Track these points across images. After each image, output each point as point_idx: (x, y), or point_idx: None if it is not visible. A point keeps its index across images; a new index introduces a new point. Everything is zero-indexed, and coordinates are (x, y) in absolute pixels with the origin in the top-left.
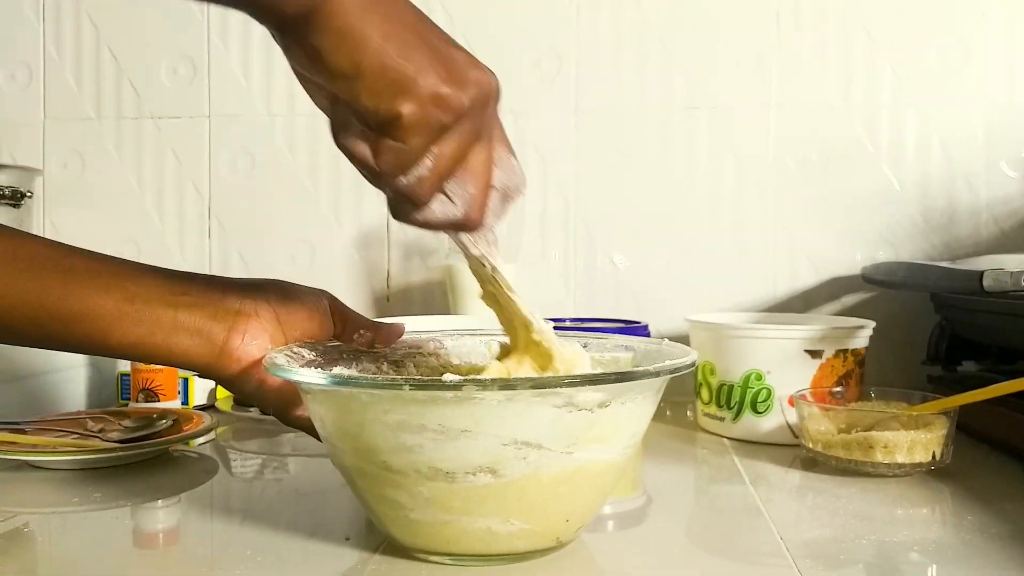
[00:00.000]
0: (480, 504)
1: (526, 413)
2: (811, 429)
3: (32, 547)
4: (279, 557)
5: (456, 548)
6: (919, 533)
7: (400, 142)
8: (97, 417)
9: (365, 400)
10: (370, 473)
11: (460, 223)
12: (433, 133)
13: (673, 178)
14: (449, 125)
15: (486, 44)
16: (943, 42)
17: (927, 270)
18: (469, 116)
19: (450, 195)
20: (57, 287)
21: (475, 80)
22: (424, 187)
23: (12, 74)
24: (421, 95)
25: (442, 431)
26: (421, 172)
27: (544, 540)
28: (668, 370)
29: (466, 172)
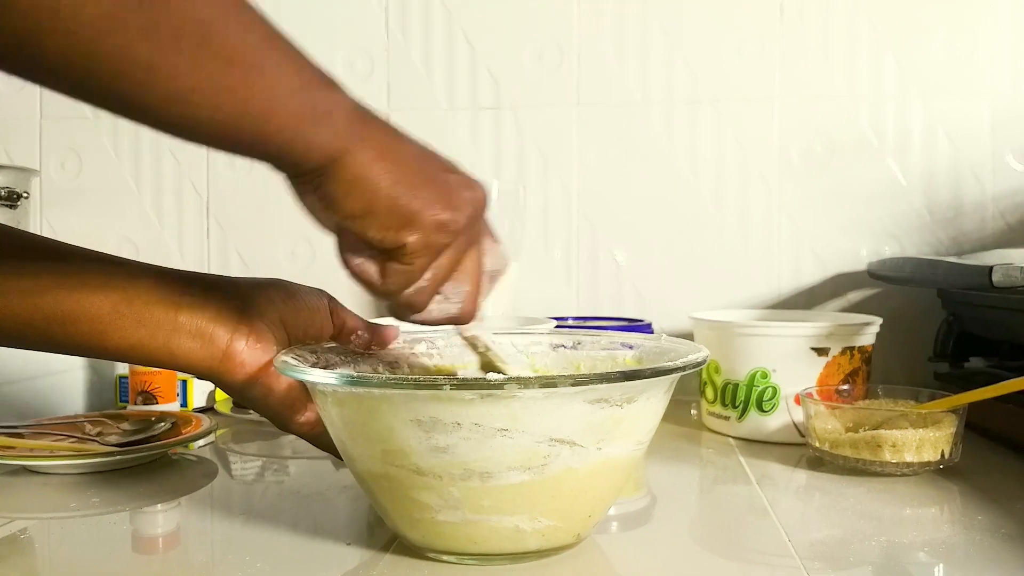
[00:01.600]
0: (512, 503)
1: (562, 410)
2: (818, 428)
3: (30, 553)
4: (282, 561)
5: (481, 548)
6: (929, 533)
7: (405, 265)
8: (95, 420)
9: (398, 401)
10: (395, 476)
11: (456, 318)
12: (434, 254)
13: (676, 172)
14: (448, 245)
15: (486, 37)
16: (949, 33)
17: (935, 265)
18: (464, 231)
19: (447, 296)
20: (52, 288)
21: (469, 200)
22: (424, 296)
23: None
24: (425, 225)
25: (478, 430)
26: (421, 284)
27: (567, 537)
28: (692, 364)
29: (460, 274)
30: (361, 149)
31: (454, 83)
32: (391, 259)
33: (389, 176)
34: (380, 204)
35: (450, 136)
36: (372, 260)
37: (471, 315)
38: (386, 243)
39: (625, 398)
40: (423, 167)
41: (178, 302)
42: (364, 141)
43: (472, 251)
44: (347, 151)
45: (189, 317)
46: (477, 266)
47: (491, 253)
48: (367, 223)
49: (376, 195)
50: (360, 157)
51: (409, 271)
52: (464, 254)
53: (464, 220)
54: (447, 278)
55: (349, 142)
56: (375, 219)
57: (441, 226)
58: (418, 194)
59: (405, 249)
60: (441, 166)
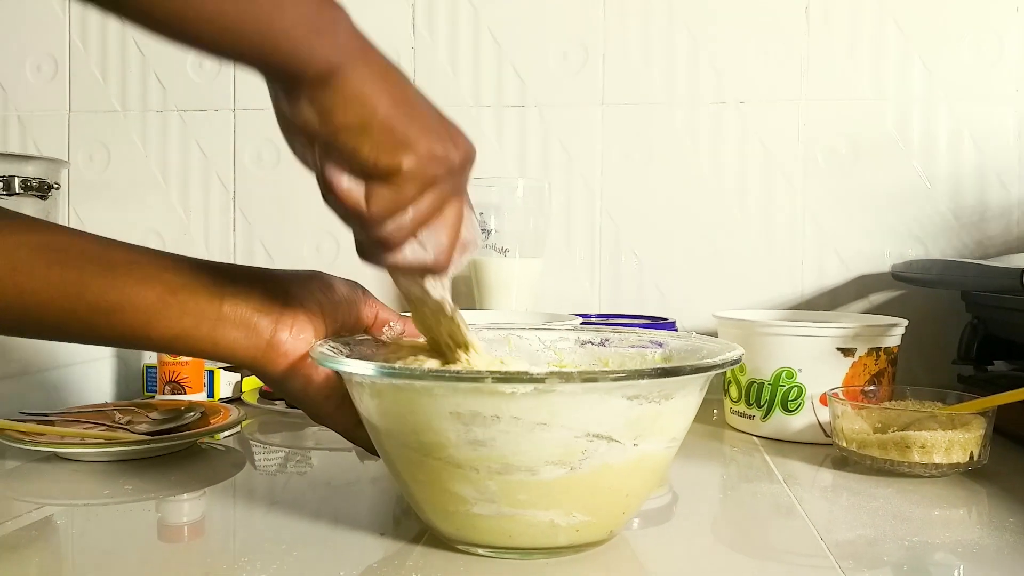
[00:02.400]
0: (548, 497)
1: (602, 405)
2: (845, 428)
3: (58, 539)
4: (312, 551)
5: (516, 541)
6: (960, 534)
7: (394, 191)
8: (124, 409)
9: (438, 393)
10: (432, 468)
11: (428, 267)
12: (424, 185)
13: (700, 172)
14: (438, 180)
15: (512, 36)
16: (975, 36)
17: (963, 267)
18: (453, 174)
19: (422, 242)
20: (96, 279)
21: (464, 145)
22: (402, 233)
23: (38, 66)
24: (420, 152)
25: (517, 424)
26: (403, 220)
27: (600, 532)
28: (730, 361)
29: (440, 223)
30: (363, 65)
31: (480, 81)
32: (377, 186)
33: (389, 97)
34: (377, 121)
35: (476, 133)
36: (354, 186)
37: (443, 267)
38: (380, 163)
39: (663, 394)
40: (421, 101)
41: (221, 293)
42: (366, 59)
43: (454, 202)
44: (349, 64)
45: (233, 308)
46: (457, 219)
47: (468, 221)
48: (362, 139)
49: (375, 112)
50: (362, 72)
51: (395, 199)
52: (447, 202)
53: (457, 160)
54: (428, 220)
55: (351, 56)
56: (371, 136)
57: (436, 158)
58: (417, 121)
59: (399, 172)
60: (435, 108)
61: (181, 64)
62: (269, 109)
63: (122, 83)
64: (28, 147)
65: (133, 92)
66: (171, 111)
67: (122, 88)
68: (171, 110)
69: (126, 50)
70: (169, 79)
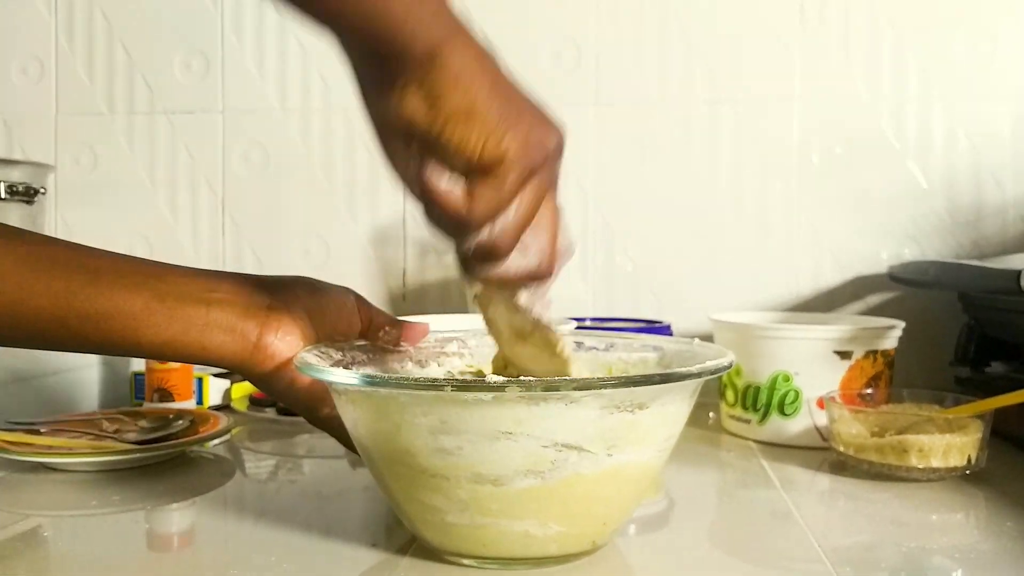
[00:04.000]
0: (520, 507)
1: (568, 414)
2: (842, 432)
3: (46, 549)
4: (301, 561)
5: (492, 551)
6: (958, 539)
7: (495, 186)
8: (112, 417)
9: (404, 401)
10: (405, 476)
11: (534, 274)
12: (526, 175)
13: (695, 172)
14: (538, 169)
15: (504, 35)
16: (970, 35)
17: (960, 269)
18: (549, 163)
19: (526, 247)
20: (85, 287)
21: (556, 129)
22: (507, 237)
23: (24, 68)
24: (523, 135)
25: (483, 433)
26: (505, 222)
27: (580, 543)
28: (709, 371)
29: (539, 224)
30: (464, 44)
31: None
32: (480, 181)
33: (491, 74)
34: (483, 101)
35: None
36: (454, 187)
37: (549, 271)
38: (487, 150)
39: (636, 404)
40: (513, 83)
41: (208, 299)
42: (466, 37)
43: (551, 198)
44: (451, 42)
45: (220, 313)
46: (554, 219)
47: (562, 223)
48: (469, 126)
49: (480, 90)
50: (465, 51)
51: (499, 195)
52: (544, 197)
53: (553, 146)
54: (530, 219)
55: (453, 33)
56: (477, 121)
57: (536, 142)
58: (515, 103)
59: (505, 160)
60: (526, 90)
61: (168, 65)
62: (258, 110)
63: (109, 85)
64: (14, 151)
65: (120, 94)
66: (159, 113)
67: (109, 90)
68: (159, 112)
69: (113, 52)
70: (156, 81)
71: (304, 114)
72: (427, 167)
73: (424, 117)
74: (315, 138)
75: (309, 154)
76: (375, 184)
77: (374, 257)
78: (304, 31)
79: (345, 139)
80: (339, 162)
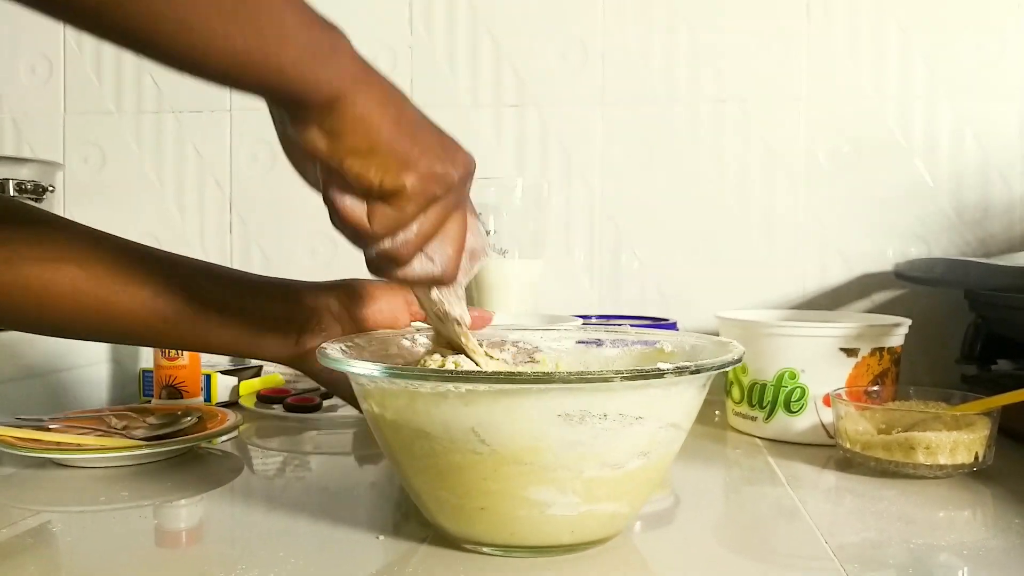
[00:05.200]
0: (620, 489)
1: (684, 395)
2: (849, 429)
3: (54, 546)
4: (312, 556)
5: (575, 538)
6: (966, 536)
7: (396, 209)
8: (121, 414)
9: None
10: (510, 474)
11: (437, 279)
12: (426, 202)
13: (701, 171)
14: (439, 197)
15: (510, 34)
16: (977, 34)
17: (967, 266)
18: (454, 190)
19: (429, 255)
20: (172, 291)
21: (463, 161)
22: (409, 248)
23: (32, 67)
24: (423, 171)
25: (620, 420)
26: (408, 236)
27: (630, 522)
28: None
29: (444, 236)
30: (367, 88)
31: (478, 80)
32: (379, 204)
33: (392, 118)
34: (383, 143)
35: (473, 133)
36: (357, 204)
37: (451, 277)
38: (385, 184)
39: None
40: (422, 121)
41: (263, 306)
42: (369, 83)
43: (457, 215)
44: (354, 88)
45: (272, 311)
46: (461, 231)
47: (473, 230)
48: (368, 162)
49: (380, 133)
50: (367, 95)
51: (399, 217)
52: (450, 215)
53: (457, 177)
54: (433, 234)
55: (355, 81)
56: (376, 158)
57: (437, 176)
58: (419, 141)
59: (403, 192)
60: (435, 126)
61: None
62: (265, 110)
63: (117, 84)
64: (22, 149)
65: (128, 93)
66: (166, 112)
67: (117, 89)
68: (166, 111)
69: (120, 51)
70: (164, 80)
71: None
72: (332, 186)
73: (326, 151)
74: None
75: None
76: None
77: None
78: None
79: None
80: None
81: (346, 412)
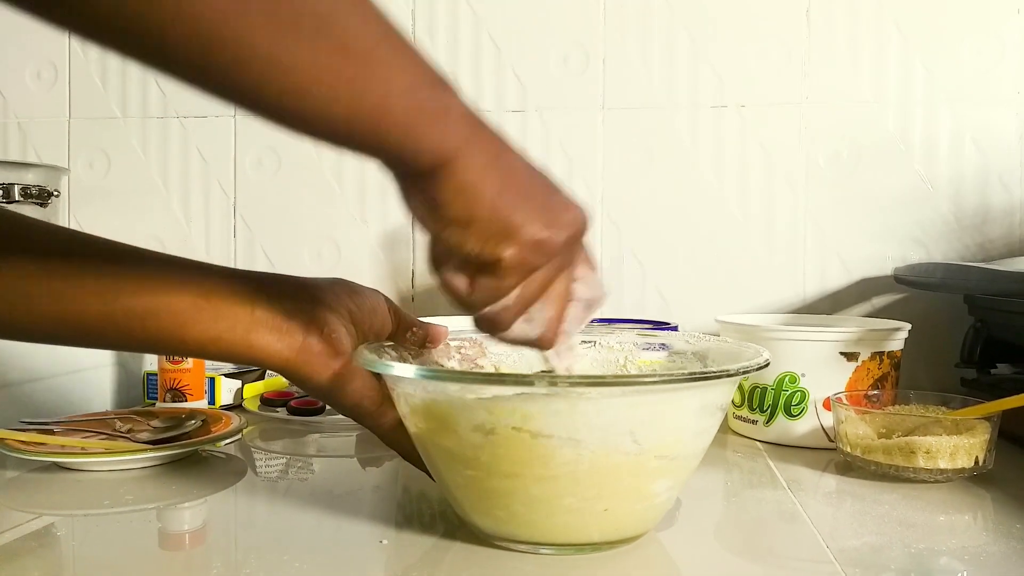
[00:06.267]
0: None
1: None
2: (849, 433)
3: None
4: (315, 559)
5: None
6: (966, 541)
7: (496, 279)
8: (125, 417)
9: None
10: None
11: (533, 342)
12: (527, 273)
13: (701, 175)
14: (542, 265)
15: (512, 39)
16: (976, 38)
17: (966, 271)
18: (560, 254)
19: (531, 318)
20: (132, 285)
21: (570, 222)
22: (508, 315)
23: (38, 73)
24: (523, 241)
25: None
26: (507, 303)
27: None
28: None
29: (547, 298)
30: (472, 154)
31: (480, 85)
32: (482, 273)
33: (496, 185)
34: (483, 213)
35: None
36: (462, 271)
37: (551, 341)
38: (483, 256)
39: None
40: (530, 181)
41: (253, 298)
42: (476, 146)
43: (563, 275)
44: (458, 155)
45: (265, 312)
46: (565, 291)
47: (587, 281)
48: (467, 234)
49: (481, 204)
50: (471, 162)
51: (498, 287)
52: (555, 278)
53: (562, 242)
54: (535, 300)
55: (461, 145)
56: (475, 229)
57: (539, 245)
58: (521, 208)
59: (500, 264)
60: (546, 183)
61: None
62: None
63: (122, 89)
64: (28, 154)
65: (133, 98)
66: (171, 117)
67: (122, 94)
68: (171, 116)
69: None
70: (169, 85)
71: None
72: (435, 248)
73: (426, 218)
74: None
75: (320, 158)
76: (385, 188)
77: (384, 260)
78: None
79: None
80: (350, 166)
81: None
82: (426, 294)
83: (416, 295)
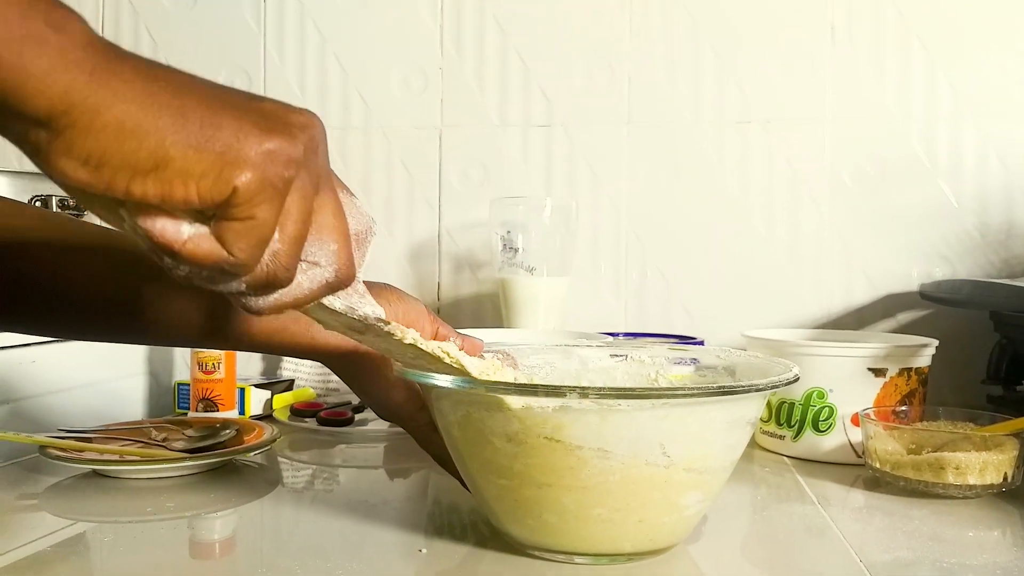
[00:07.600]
0: (715, 488)
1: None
2: (878, 449)
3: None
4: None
5: (675, 538)
6: (995, 556)
7: (245, 220)
8: (160, 426)
9: (723, 402)
10: (680, 482)
11: (333, 284)
12: (277, 196)
13: (726, 191)
14: (290, 181)
15: (538, 56)
16: (1001, 55)
17: (993, 288)
18: (305, 166)
19: (312, 260)
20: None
21: (299, 124)
22: (284, 260)
23: None
24: (249, 158)
25: (746, 427)
26: (275, 247)
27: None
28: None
29: (320, 228)
30: (113, 80)
31: (507, 100)
32: (221, 223)
33: (170, 109)
34: (174, 147)
35: (502, 152)
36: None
37: (350, 276)
38: (210, 197)
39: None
40: (217, 93)
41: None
42: (113, 69)
43: (323, 197)
44: (93, 85)
45: None
46: (337, 216)
47: (350, 209)
48: (168, 178)
49: (160, 133)
50: (115, 90)
51: (254, 225)
52: (313, 200)
53: (301, 148)
54: (304, 232)
55: (94, 72)
56: (175, 169)
57: (272, 156)
58: (222, 123)
59: (237, 196)
60: (248, 94)
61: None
62: None
63: None
64: None
65: None
66: None
67: None
68: None
69: None
70: None
71: (344, 133)
72: (147, 220)
73: (96, 184)
74: (355, 157)
75: (348, 172)
76: (412, 202)
77: (410, 272)
78: (344, 51)
79: (384, 158)
80: (377, 180)
81: (377, 426)
82: (452, 306)
83: (442, 307)
